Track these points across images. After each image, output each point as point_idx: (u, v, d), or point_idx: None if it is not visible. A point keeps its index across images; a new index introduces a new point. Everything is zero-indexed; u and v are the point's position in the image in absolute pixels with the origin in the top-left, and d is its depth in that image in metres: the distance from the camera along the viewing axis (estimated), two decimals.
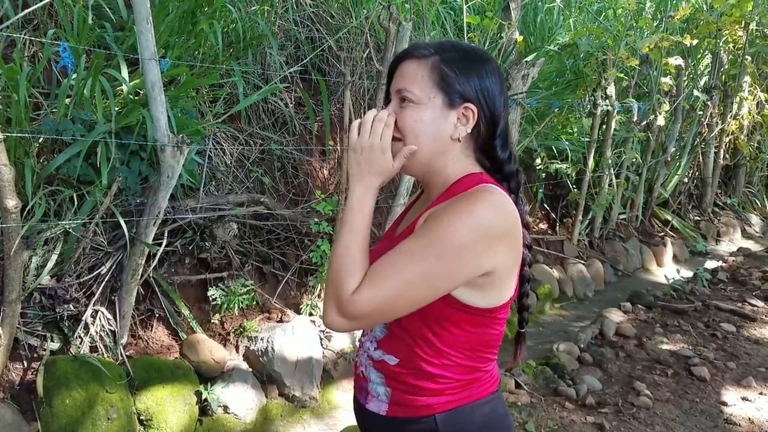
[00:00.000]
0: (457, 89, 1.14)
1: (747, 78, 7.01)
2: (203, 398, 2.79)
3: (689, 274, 5.62)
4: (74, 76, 2.70)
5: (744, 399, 3.29)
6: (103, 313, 2.73)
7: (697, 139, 7.08)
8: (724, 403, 3.23)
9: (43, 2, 2.61)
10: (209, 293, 3.14)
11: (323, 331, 3.43)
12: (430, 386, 1.15)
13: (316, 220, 3.53)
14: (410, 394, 1.17)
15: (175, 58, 3.07)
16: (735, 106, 7.11)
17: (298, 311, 3.48)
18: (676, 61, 5.65)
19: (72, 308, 2.63)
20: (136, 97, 2.90)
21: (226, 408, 2.85)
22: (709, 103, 6.66)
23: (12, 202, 2.20)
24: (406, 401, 1.18)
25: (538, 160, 5.51)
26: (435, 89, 1.14)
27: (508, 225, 1.09)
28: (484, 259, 1.07)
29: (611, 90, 5.27)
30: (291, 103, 4.04)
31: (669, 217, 6.89)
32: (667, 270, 5.98)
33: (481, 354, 1.18)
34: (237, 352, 3.16)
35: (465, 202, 1.08)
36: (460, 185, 1.15)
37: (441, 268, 1.04)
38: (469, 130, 1.16)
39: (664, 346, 3.91)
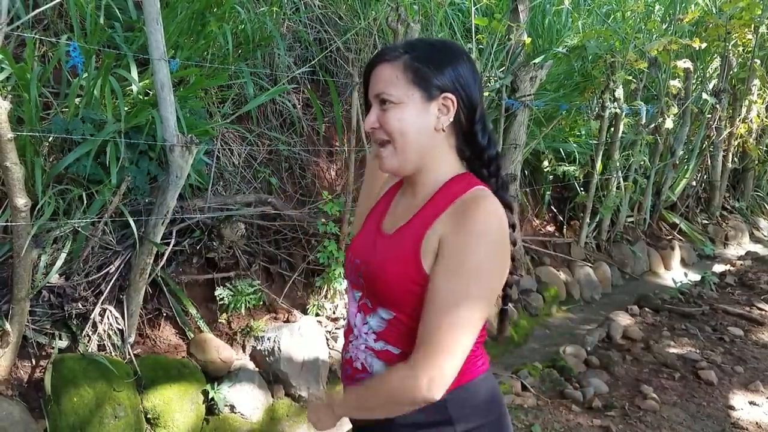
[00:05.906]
0: (433, 82, 1.18)
1: (756, 81, 6.98)
2: (210, 397, 2.80)
3: (697, 277, 5.58)
4: (84, 75, 2.72)
5: (751, 403, 3.27)
6: (111, 311, 2.74)
7: (706, 143, 7.05)
8: (732, 407, 3.21)
9: (54, 2, 2.62)
10: (216, 293, 3.15)
11: (329, 332, 3.44)
12: None
13: (323, 220, 3.54)
14: None
15: (185, 59, 3.09)
16: (743, 110, 7.07)
17: (304, 312, 3.48)
18: (684, 64, 5.64)
19: (80, 307, 2.64)
20: (145, 97, 2.91)
21: (232, 407, 2.85)
22: (717, 106, 6.63)
23: (22, 201, 2.22)
24: None
25: (546, 163, 5.50)
26: (412, 87, 1.18)
27: (506, 225, 1.15)
28: (507, 265, 1.16)
29: (619, 92, 5.26)
30: (299, 104, 4.05)
31: (677, 221, 6.86)
32: (674, 273, 5.95)
33: None
34: (244, 351, 3.17)
35: (473, 222, 1.11)
36: (453, 189, 1.20)
37: (487, 298, 1.13)
38: (451, 119, 1.19)
39: (672, 350, 3.89)
